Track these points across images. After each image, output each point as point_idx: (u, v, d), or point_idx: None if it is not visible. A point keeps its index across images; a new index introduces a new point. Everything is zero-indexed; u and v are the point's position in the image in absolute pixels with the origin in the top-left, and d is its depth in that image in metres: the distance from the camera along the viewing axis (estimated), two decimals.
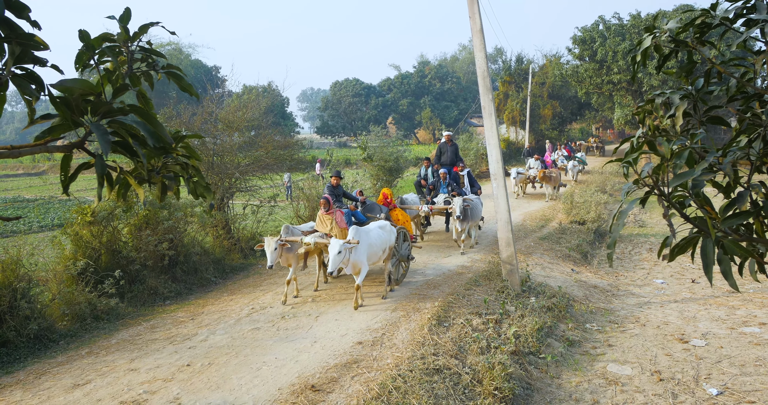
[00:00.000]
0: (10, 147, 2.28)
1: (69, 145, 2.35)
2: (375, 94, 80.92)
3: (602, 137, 69.09)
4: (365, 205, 12.51)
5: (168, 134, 2.47)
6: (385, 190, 13.26)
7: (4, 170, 58.52)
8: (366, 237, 9.62)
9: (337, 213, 10.82)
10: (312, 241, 9.84)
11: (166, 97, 20.34)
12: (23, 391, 6.96)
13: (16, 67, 2.14)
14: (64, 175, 2.40)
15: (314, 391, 6.55)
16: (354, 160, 42.26)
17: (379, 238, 9.96)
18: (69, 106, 2.21)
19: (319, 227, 10.93)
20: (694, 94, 3.02)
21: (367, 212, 12.25)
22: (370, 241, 9.68)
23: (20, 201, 30.17)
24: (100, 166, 2.25)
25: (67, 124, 2.26)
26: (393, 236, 10.50)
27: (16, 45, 2.06)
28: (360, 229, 9.64)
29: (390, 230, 10.48)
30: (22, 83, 2.13)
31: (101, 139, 2.12)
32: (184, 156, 2.75)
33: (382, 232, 10.19)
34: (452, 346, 7.87)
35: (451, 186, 15.20)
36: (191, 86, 2.82)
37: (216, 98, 17.74)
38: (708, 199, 2.60)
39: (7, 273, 8.72)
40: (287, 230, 10.34)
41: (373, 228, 10.16)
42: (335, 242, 9.02)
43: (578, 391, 7.48)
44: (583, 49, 39.53)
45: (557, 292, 10.90)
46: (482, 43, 10.87)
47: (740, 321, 10.00)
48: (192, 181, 2.81)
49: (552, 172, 24.22)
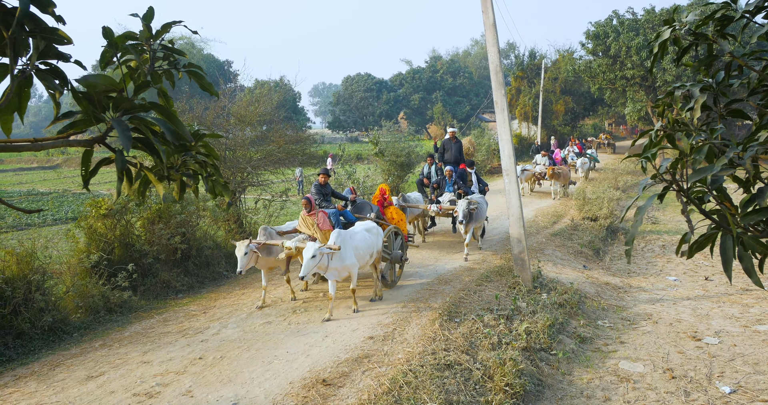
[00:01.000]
0: (32, 140, 2.30)
1: (90, 139, 2.37)
2: (386, 89, 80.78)
3: (615, 133, 68.69)
4: (355, 204, 11.95)
5: (187, 132, 2.49)
6: (383, 185, 12.52)
7: (18, 163, 58.92)
8: (350, 241, 9.09)
9: (320, 214, 10.15)
10: (294, 245, 9.33)
11: (179, 91, 20.46)
12: (38, 383, 7.02)
13: (40, 62, 2.16)
14: (85, 169, 2.42)
15: (325, 385, 6.58)
16: (365, 155, 42.26)
17: (364, 241, 9.42)
18: (91, 102, 2.23)
19: (301, 229, 10.31)
20: (714, 87, 2.99)
21: (357, 212, 11.71)
22: (355, 245, 9.14)
23: (34, 194, 30.37)
24: (121, 162, 2.26)
25: (88, 120, 2.28)
26: (380, 239, 9.97)
27: (40, 39, 2.08)
28: (344, 233, 9.12)
29: (377, 233, 9.96)
30: (47, 78, 2.15)
31: (122, 134, 2.14)
32: (202, 154, 2.76)
33: (369, 236, 9.66)
34: (463, 341, 7.87)
35: (457, 184, 14.55)
36: (212, 85, 2.84)
37: (228, 93, 17.74)
38: (727, 194, 2.58)
39: (22, 265, 8.79)
40: (265, 232, 9.85)
41: (359, 231, 9.62)
42: (310, 246, 8.45)
43: (589, 387, 7.47)
44: (597, 44, 39.24)
45: (569, 288, 10.87)
46: (495, 38, 10.83)
47: (754, 319, 9.93)
48: (210, 179, 2.82)
49: (560, 169, 23.63)
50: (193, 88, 33.08)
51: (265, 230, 9.84)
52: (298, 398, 6.28)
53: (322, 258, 8.47)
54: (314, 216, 10.09)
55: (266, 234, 9.84)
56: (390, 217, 11.93)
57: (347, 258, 8.88)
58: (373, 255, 9.68)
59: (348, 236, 9.13)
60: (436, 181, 15.01)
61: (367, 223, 10.18)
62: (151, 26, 2.56)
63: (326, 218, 10.09)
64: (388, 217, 11.90)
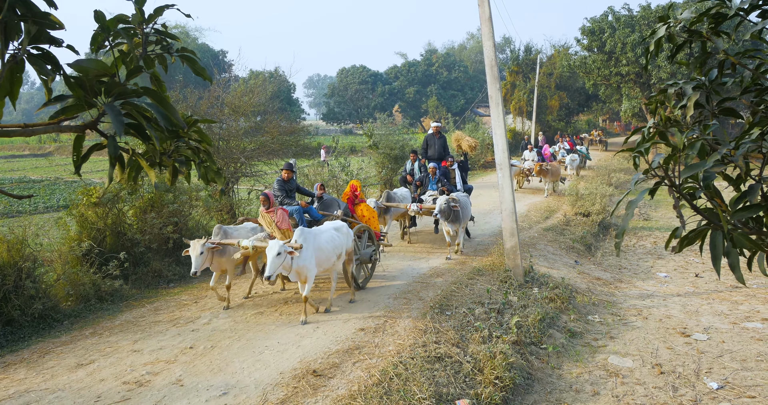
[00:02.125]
0: (23, 125, 2.29)
1: (82, 125, 2.36)
2: (381, 81, 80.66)
3: (609, 129, 68.73)
4: (322, 201, 11.36)
5: (180, 118, 2.48)
6: (354, 182, 11.61)
7: (10, 151, 58.59)
8: (314, 240, 8.49)
9: (279, 211, 9.53)
10: (251, 244, 8.78)
11: (173, 80, 20.36)
12: (27, 370, 7.01)
13: (32, 47, 2.14)
14: (77, 155, 2.41)
15: (316, 375, 6.59)
16: (359, 148, 42.22)
17: (331, 241, 8.80)
18: (83, 87, 2.21)
19: (263, 225, 9.72)
20: (708, 85, 3.00)
21: (324, 209, 11.15)
22: (319, 245, 8.52)
23: (26, 181, 30.23)
24: (113, 147, 2.25)
25: (80, 105, 2.27)
26: (350, 239, 9.38)
27: (32, 24, 2.07)
28: (308, 231, 8.54)
29: (347, 233, 9.35)
30: (38, 63, 2.13)
31: (115, 120, 2.12)
32: (195, 140, 2.75)
33: (337, 235, 9.05)
34: (454, 334, 7.90)
35: (441, 182, 13.91)
36: (205, 70, 2.82)
37: (222, 83, 17.69)
38: (718, 191, 2.59)
39: (13, 253, 8.75)
40: (220, 232, 9.25)
41: (326, 230, 9.04)
42: (274, 243, 7.88)
43: (579, 382, 7.51)
44: (592, 40, 39.30)
45: (560, 283, 10.91)
46: (491, 32, 10.82)
47: (743, 316, 10.00)
48: (203, 165, 2.81)
49: (549, 166, 22.80)
50: (187, 77, 32.90)
51: (220, 229, 9.28)
52: (288, 388, 6.29)
53: (287, 257, 7.93)
54: (273, 213, 9.52)
55: (221, 233, 9.24)
56: (360, 214, 11.27)
57: (306, 259, 8.26)
58: (342, 256, 9.11)
59: (312, 236, 8.53)
60: (420, 179, 14.44)
61: (337, 222, 9.66)
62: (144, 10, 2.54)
63: (285, 216, 9.54)
64: (359, 214, 11.26)
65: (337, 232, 9.08)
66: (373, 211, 11.55)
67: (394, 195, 13.82)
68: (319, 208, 11.11)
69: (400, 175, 15.76)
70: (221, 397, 6.13)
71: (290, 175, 10.68)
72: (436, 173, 14.06)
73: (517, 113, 49.87)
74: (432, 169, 14.05)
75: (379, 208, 12.72)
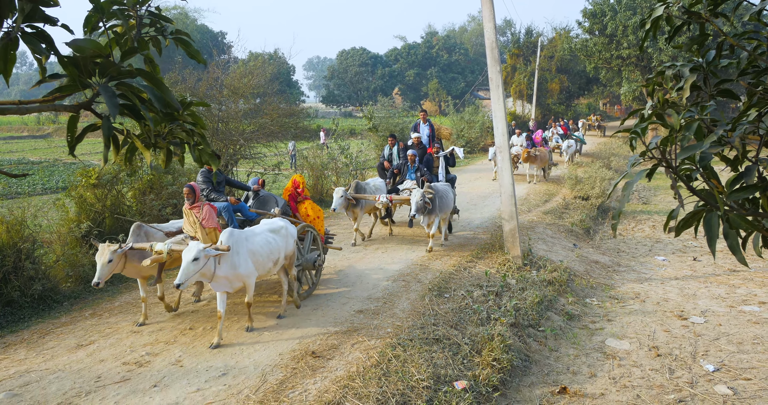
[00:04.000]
0: (18, 102, 2.28)
1: (76, 105, 2.35)
2: (381, 64, 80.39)
3: (609, 113, 68.41)
4: (259, 198, 9.87)
5: (175, 99, 2.47)
6: (296, 176, 10.19)
7: (8, 132, 58.46)
8: (245, 243, 7.30)
9: (205, 208, 8.05)
10: (166, 247, 7.31)
11: (172, 61, 20.23)
12: (27, 350, 7.05)
13: (26, 25, 2.13)
14: (71, 135, 2.41)
15: (314, 357, 6.63)
16: (359, 130, 42.13)
17: (267, 244, 7.61)
18: (78, 67, 2.20)
19: (185, 227, 8.18)
20: (705, 67, 2.99)
21: (259, 206, 9.71)
22: (253, 248, 7.34)
23: (25, 163, 30.20)
24: (107, 128, 2.25)
25: (74, 85, 2.26)
26: (291, 241, 8.14)
27: (26, 1, 2.05)
28: (238, 233, 7.32)
29: (287, 234, 8.09)
30: (33, 41, 2.12)
31: (109, 100, 2.12)
32: (190, 123, 2.74)
33: (275, 237, 7.86)
34: (452, 316, 7.94)
35: (420, 171, 12.50)
36: (199, 53, 2.81)
37: (222, 64, 17.62)
38: (715, 172, 2.59)
39: (12, 234, 8.77)
40: (140, 231, 7.82)
41: (261, 231, 7.80)
42: (193, 245, 6.63)
43: (576, 364, 7.55)
44: (593, 22, 39.07)
45: (558, 266, 10.94)
46: (491, 13, 10.75)
47: (740, 299, 10.04)
48: (198, 148, 2.81)
49: (537, 151, 21.45)
50: (186, 58, 32.73)
51: (140, 228, 7.86)
52: (288, 369, 6.33)
53: (207, 262, 6.66)
54: (198, 209, 8.05)
55: (141, 233, 7.84)
56: (304, 213, 9.87)
57: (241, 264, 7.11)
58: (280, 261, 7.91)
59: (244, 237, 7.37)
60: (397, 166, 13.04)
61: (275, 221, 8.33)
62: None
63: (213, 213, 8.13)
64: (302, 213, 9.86)
65: (274, 234, 7.90)
66: (320, 210, 10.15)
67: (366, 185, 12.67)
68: (255, 205, 9.76)
69: (378, 161, 14.42)
70: (220, 378, 6.17)
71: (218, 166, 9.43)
72: (415, 161, 12.73)
73: (518, 96, 49.72)
74: (411, 157, 12.73)
75: (347, 201, 11.75)
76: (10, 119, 63.76)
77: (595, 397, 6.58)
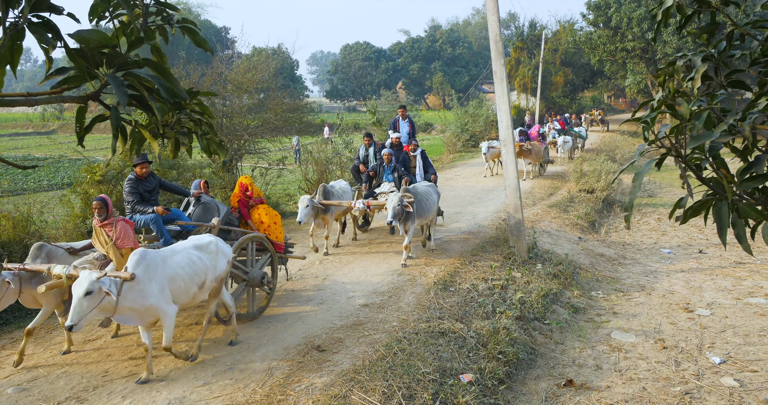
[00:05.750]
0: (26, 94, 2.28)
1: (84, 96, 2.35)
2: (385, 58, 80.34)
3: (613, 106, 68.11)
4: (201, 205, 8.37)
5: (182, 89, 2.46)
6: (242, 178, 8.91)
7: (14, 128, 58.50)
8: (161, 267, 5.98)
9: (119, 224, 6.64)
10: (65, 272, 5.98)
11: (176, 56, 20.23)
12: (35, 346, 7.09)
13: (33, 15, 2.12)
14: (80, 126, 2.41)
15: (320, 351, 6.64)
16: (363, 125, 42.05)
17: (190, 266, 6.29)
18: (85, 58, 2.20)
19: (95, 245, 6.85)
20: (716, 56, 2.97)
21: (200, 216, 8.20)
22: (171, 273, 6.05)
23: (30, 159, 30.29)
24: (115, 118, 2.24)
25: (82, 76, 2.25)
26: (223, 259, 6.79)
27: None
28: (152, 255, 5.98)
29: (217, 251, 6.73)
30: (39, 31, 2.12)
31: (118, 90, 2.11)
32: (197, 112, 2.74)
33: (200, 256, 6.51)
34: (458, 310, 7.94)
35: (398, 171, 11.46)
36: (206, 41, 2.79)
37: (225, 59, 17.63)
38: (724, 161, 2.58)
39: (18, 229, 8.80)
40: (41, 252, 6.70)
41: (182, 249, 6.47)
42: (84, 276, 5.35)
43: (582, 356, 7.55)
44: (598, 15, 38.91)
45: (564, 259, 10.93)
46: (495, 6, 10.71)
47: (746, 291, 10.02)
48: (205, 138, 2.80)
49: (530, 146, 20.47)
50: (190, 54, 32.74)
51: (41, 249, 6.72)
52: (294, 363, 6.34)
53: (103, 297, 5.38)
54: (110, 227, 6.63)
55: (41, 255, 6.69)
56: (257, 220, 8.63)
57: (152, 293, 5.79)
58: (206, 284, 6.56)
59: (160, 260, 6.03)
60: (373, 168, 11.84)
61: (202, 237, 6.90)
62: None
63: (128, 230, 6.75)
64: (255, 220, 8.63)
65: (200, 252, 6.56)
66: (276, 215, 8.86)
67: (332, 189, 11.26)
68: (196, 214, 8.26)
69: (352, 163, 13.31)
70: (227, 372, 6.18)
71: (147, 171, 7.89)
72: (391, 160, 11.62)
73: (522, 90, 49.59)
74: (386, 156, 11.56)
75: (315, 209, 10.30)
76: (15, 115, 63.94)
77: (601, 390, 6.58)
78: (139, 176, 7.82)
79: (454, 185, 19.50)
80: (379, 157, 11.94)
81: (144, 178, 7.86)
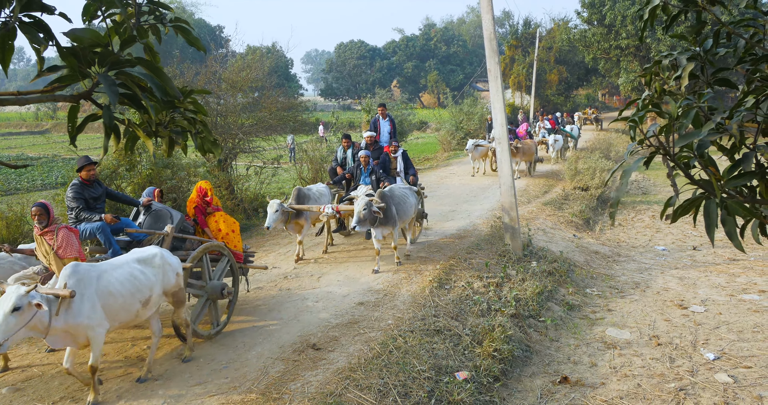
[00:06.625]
0: (16, 92, 2.28)
1: (76, 95, 2.35)
2: (380, 56, 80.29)
3: (608, 104, 68.16)
4: (151, 213, 7.71)
5: (176, 87, 2.47)
6: (202, 183, 8.21)
7: (7, 128, 58.31)
8: (94, 282, 5.41)
9: (61, 233, 6.16)
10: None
11: (170, 55, 20.17)
12: (29, 345, 7.06)
13: (24, 15, 2.12)
14: (72, 125, 2.41)
15: (315, 349, 6.65)
16: (358, 123, 42.03)
17: (130, 282, 5.74)
18: (77, 57, 2.20)
19: (38, 255, 6.35)
20: (702, 55, 2.99)
21: (152, 224, 7.58)
22: (107, 289, 5.48)
23: (23, 159, 30.22)
24: (108, 117, 2.25)
25: (74, 75, 2.26)
26: (171, 272, 6.25)
27: None
28: (85, 268, 5.43)
29: (162, 264, 6.15)
30: (30, 31, 2.12)
31: (109, 89, 2.12)
32: (191, 111, 2.74)
33: (143, 269, 5.98)
34: (453, 308, 7.96)
35: (376, 174, 10.93)
36: (198, 40, 2.79)
37: (219, 58, 17.60)
38: (713, 160, 2.60)
39: (12, 229, 8.79)
40: None
41: (123, 263, 5.91)
42: (11, 291, 4.79)
43: (577, 353, 7.59)
44: (592, 12, 39.02)
45: (558, 257, 10.96)
46: (490, 5, 10.73)
47: (740, 288, 10.07)
48: (200, 136, 2.81)
49: (521, 143, 19.88)
50: (183, 53, 32.66)
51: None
52: (289, 362, 6.35)
53: (37, 312, 4.87)
54: (50, 235, 6.16)
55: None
56: (215, 228, 8.03)
57: (83, 312, 5.22)
58: (152, 300, 6.02)
59: (94, 274, 5.48)
60: (350, 170, 11.43)
61: (145, 249, 6.30)
62: None
63: (72, 239, 6.26)
64: (213, 228, 8.03)
65: (143, 266, 6.03)
66: (234, 223, 8.26)
67: (308, 192, 10.61)
68: (146, 223, 7.66)
69: (330, 166, 12.89)
70: (222, 371, 6.19)
71: (93, 175, 7.33)
72: (369, 163, 11.08)
73: (516, 88, 49.60)
74: (364, 158, 11.03)
75: (285, 213, 9.83)
76: (8, 115, 63.71)
77: (596, 387, 6.61)
78: (84, 181, 7.20)
79: (449, 183, 19.52)
80: (357, 159, 11.42)
81: (89, 183, 7.25)
